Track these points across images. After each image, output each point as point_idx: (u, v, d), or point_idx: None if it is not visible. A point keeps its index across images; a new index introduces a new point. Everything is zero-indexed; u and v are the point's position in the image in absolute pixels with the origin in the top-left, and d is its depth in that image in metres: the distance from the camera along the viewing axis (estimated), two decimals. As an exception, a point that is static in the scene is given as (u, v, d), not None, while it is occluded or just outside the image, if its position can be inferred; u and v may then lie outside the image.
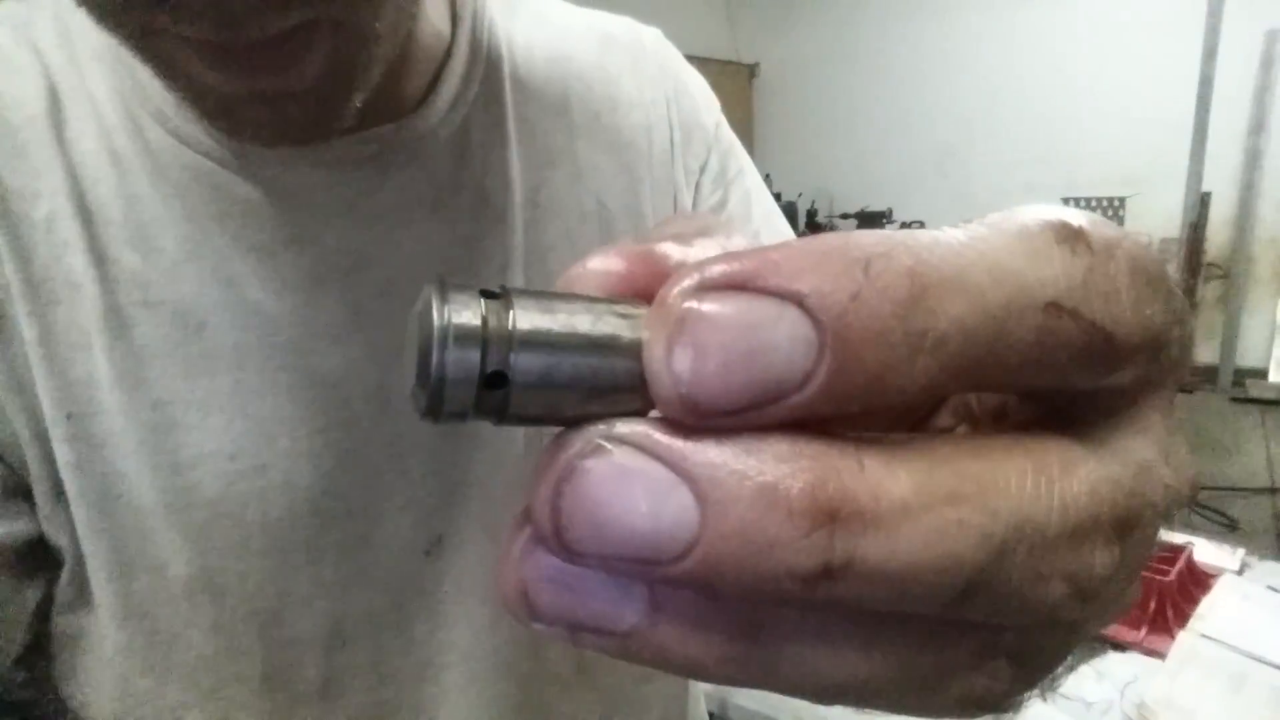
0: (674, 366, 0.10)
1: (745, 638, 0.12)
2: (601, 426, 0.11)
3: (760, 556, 0.10)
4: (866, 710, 0.13)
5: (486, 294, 0.11)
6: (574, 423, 0.11)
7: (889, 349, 0.10)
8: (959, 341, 0.10)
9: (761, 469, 0.10)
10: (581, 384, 0.11)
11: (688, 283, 0.10)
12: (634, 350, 0.11)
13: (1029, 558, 0.11)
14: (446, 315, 0.11)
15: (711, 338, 0.10)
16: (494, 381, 0.11)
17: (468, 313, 0.11)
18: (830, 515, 0.10)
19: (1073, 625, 0.13)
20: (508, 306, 0.11)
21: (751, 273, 0.10)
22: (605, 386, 0.11)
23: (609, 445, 0.11)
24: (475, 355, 0.11)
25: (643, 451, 0.10)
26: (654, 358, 0.11)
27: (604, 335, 0.11)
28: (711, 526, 0.10)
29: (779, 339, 0.10)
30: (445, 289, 0.11)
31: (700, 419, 0.10)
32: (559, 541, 0.11)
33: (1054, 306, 0.11)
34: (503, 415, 0.11)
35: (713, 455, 0.10)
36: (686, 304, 0.10)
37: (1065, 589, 0.11)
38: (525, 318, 0.11)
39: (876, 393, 0.10)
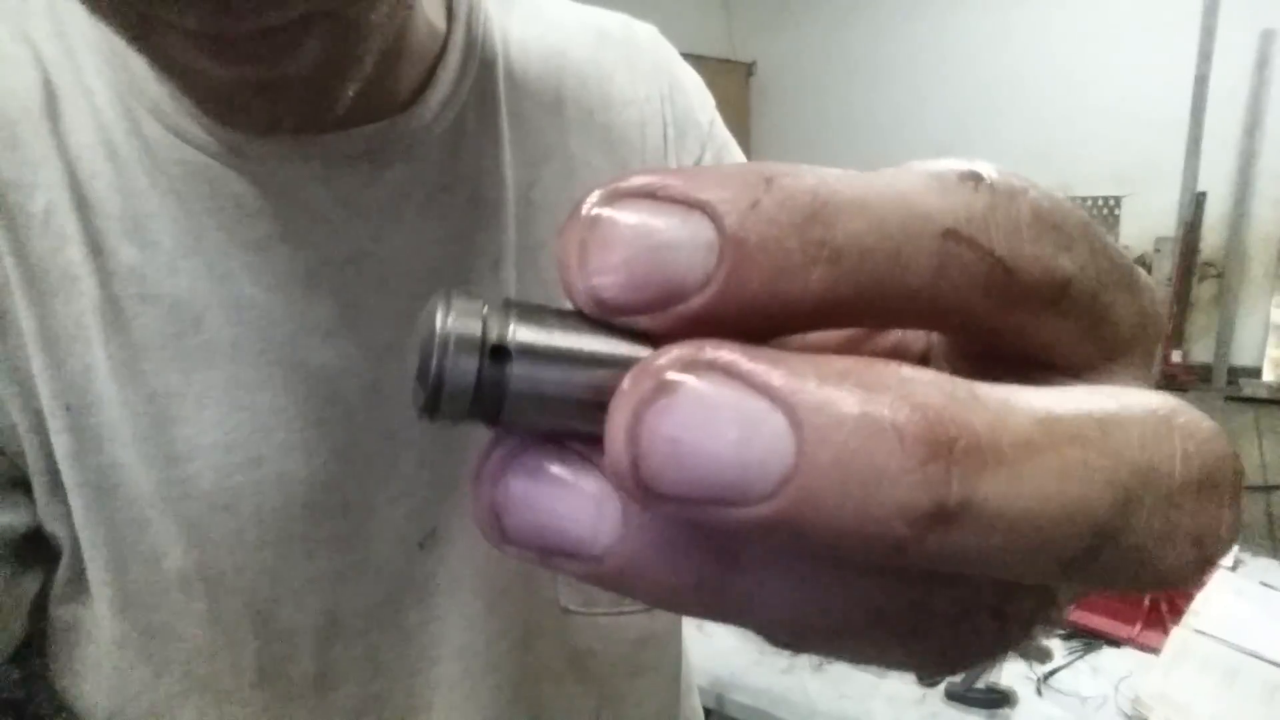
0: (585, 264, 0.10)
1: (721, 564, 0.11)
2: (689, 349, 0.10)
3: (865, 491, 0.09)
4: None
5: (492, 305, 0.12)
6: (567, 435, 0.11)
7: (784, 254, 0.10)
8: (855, 256, 0.10)
9: (865, 392, 0.09)
10: (575, 399, 0.11)
11: (600, 193, 0.11)
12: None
13: (1156, 511, 0.10)
14: (449, 323, 0.11)
15: (617, 234, 0.10)
16: (489, 390, 0.11)
17: (469, 321, 0.11)
18: (947, 445, 0.09)
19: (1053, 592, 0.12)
20: (509, 319, 0.11)
21: (660, 184, 0.10)
22: (599, 403, 0.11)
23: (695, 370, 0.10)
24: (473, 364, 0.11)
25: (732, 376, 0.10)
26: (567, 253, 0.11)
27: (601, 354, 0.11)
28: (809, 456, 0.09)
29: (681, 239, 0.10)
30: (451, 297, 0.12)
31: (606, 314, 0.11)
32: (634, 477, 0.10)
33: (952, 233, 0.11)
34: (496, 422, 0.12)
35: (810, 379, 0.09)
36: (597, 209, 0.11)
37: (1192, 551, 0.11)
38: (525, 331, 0.11)
39: (774, 298, 0.10)
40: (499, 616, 0.40)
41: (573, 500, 0.11)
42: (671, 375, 0.10)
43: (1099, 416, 0.10)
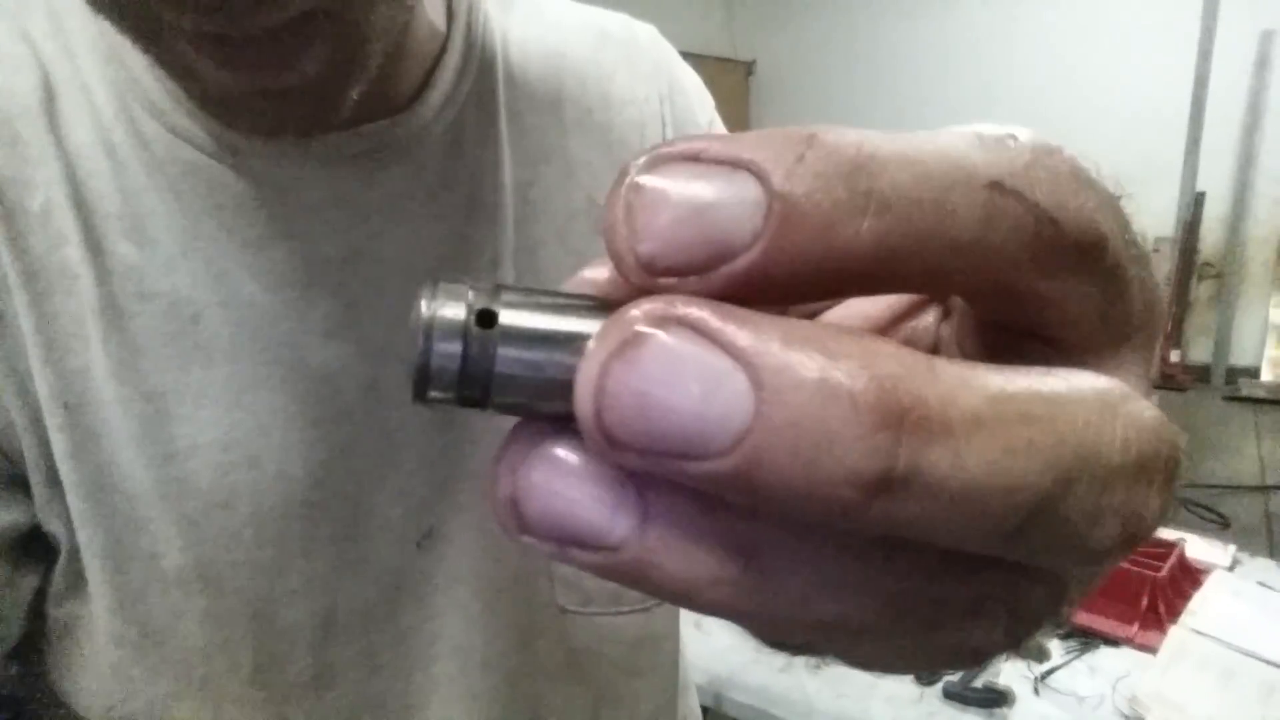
0: (633, 224, 0.10)
1: (741, 558, 0.11)
2: (660, 304, 0.10)
3: (816, 453, 0.09)
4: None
5: (479, 290, 0.12)
6: (559, 418, 0.12)
7: (833, 205, 0.10)
8: (904, 206, 0.10)
9: (825, 359, 0.10)
10: (562, 381, 0.11)
11: (644, 159, 0.11)
12: None
13: (1090, 491, 0.10)
14: (434, 308, 0.11)
15: (664, 197, 0.10)
16: (475, 373, 0.11)
17: (455, 306, 0.11)
18: (898, 416, 0.09)
19: (1065, 582, 0.13)
20: (496, 302, 0.12)
21: (703, 147, 0.11)
22: None
23: (664, 325, 0.10)
24: (458, 347, 0.11)
25: (699, 333, 0.10)
26: (614, 220, 0.11)
27: (587, 335, 0.11)
28: (766, 415, 0.09)
29: (727, 198, 0.10)
30: (438, 282, 0.12)
31: (655, 277, 0.11)
32: (598, 425, 0.10)
33: (997, 185, 0.11)
34: (484, 405, 0.12)
35: (773, 342, 0.10)
36: (642, 176, 0.11)
37: (1118, 530, 0.11)
38: (511, 314, 0.11)
39: (825, 253, 0.10)
40: (497, 616, 0.40)
41: (591, 488, 0.11)
42: (640, 329, 0.10)
43: (1048, 396, 0.11)
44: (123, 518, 0.33)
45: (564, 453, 0.11)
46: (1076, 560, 0.11)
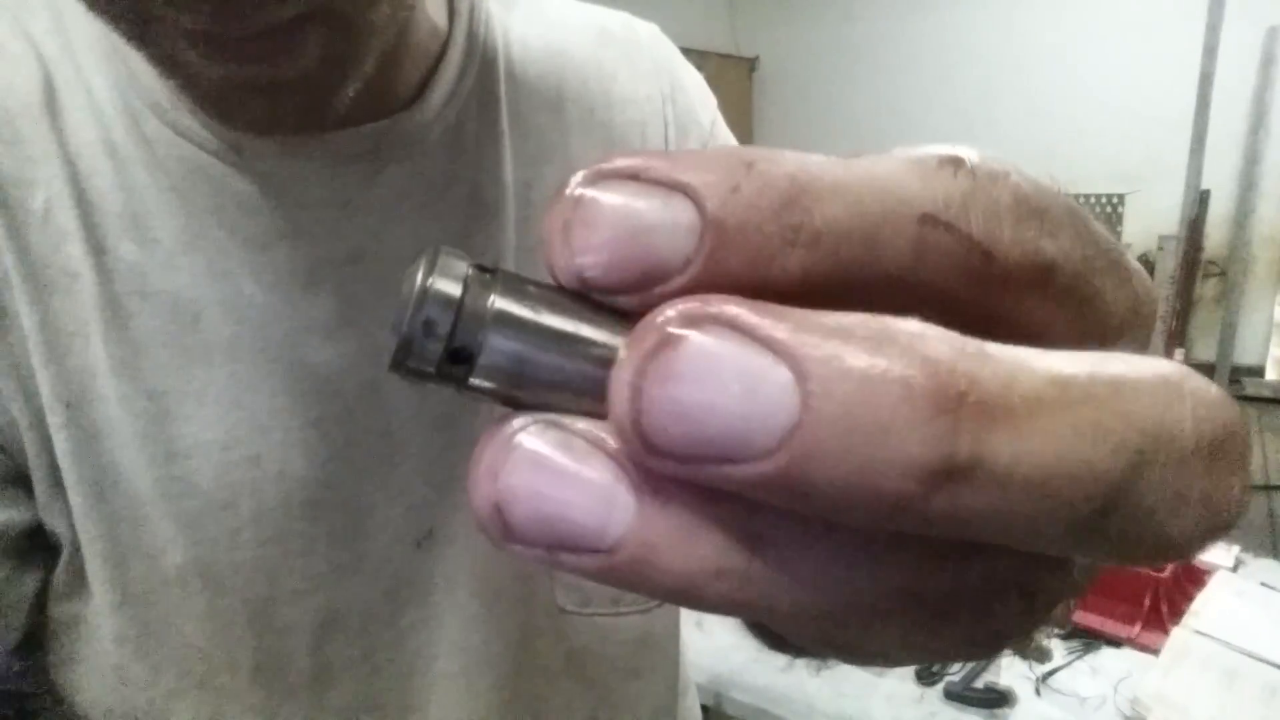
0: (569, 243, 0.11)
1: (744, 548, 0.10)
2: (693, 304, 0.10)
3: (870, 446, 0.09)
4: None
5: (479, 269, 0.12)
6: (534, 408, 0.11)
7: (762, 238, 0.10)
8: (832, 239, 0.10)
9: (874, 346, 0.09)
10: (545, 376, 0.11)
11: (584, 173, 0.11)
12: (605, 359, 0.11)
13: (1167, 475, 0.10)
14: (429, 279, 0.11)
15: (600, 215, 0.10)
16: (460, 352, 0.11)
17: (450, 281, 0.11)
18: (956, 399, 0.09)
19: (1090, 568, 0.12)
20: (493, 285, 0.11)
21: (643, 166, 0.11)
22: (569, 385, 0.11)
23: (699, 324, 0.10)
24: (447, 322, 0.11)
25: (736, 330, 0.10)
26: (552, 231, 0.11)
27: (578, 336, 0.11)
28: (814, 410, 0.09)
29: (663, 221, 0.10)
30: (438, 254, 0.12)
31: (589, 292, 0.11)
32: (637, 433, 0.10)
33: (929, 218, 0.11)
34: (463, 385, 0.11)
35: (815, 333, 0.09)
36: (582, 189, 0.11)
37: (1202, 516, 0.10)
38: (505, 300, 0.11)
39: (753, 280, 0.10)
40: (496, 616, 0.40)
41: (581, 487, 0.10)
42: (675, 330, 0.10)
43: (1110, 378, 0.10)
44: (123, 516, 0.33)
45: (550, 450, 0.11)
46: (1159, 554, 0.11)
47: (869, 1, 4.55)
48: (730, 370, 0.09)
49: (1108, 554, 0.11)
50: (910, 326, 0.10)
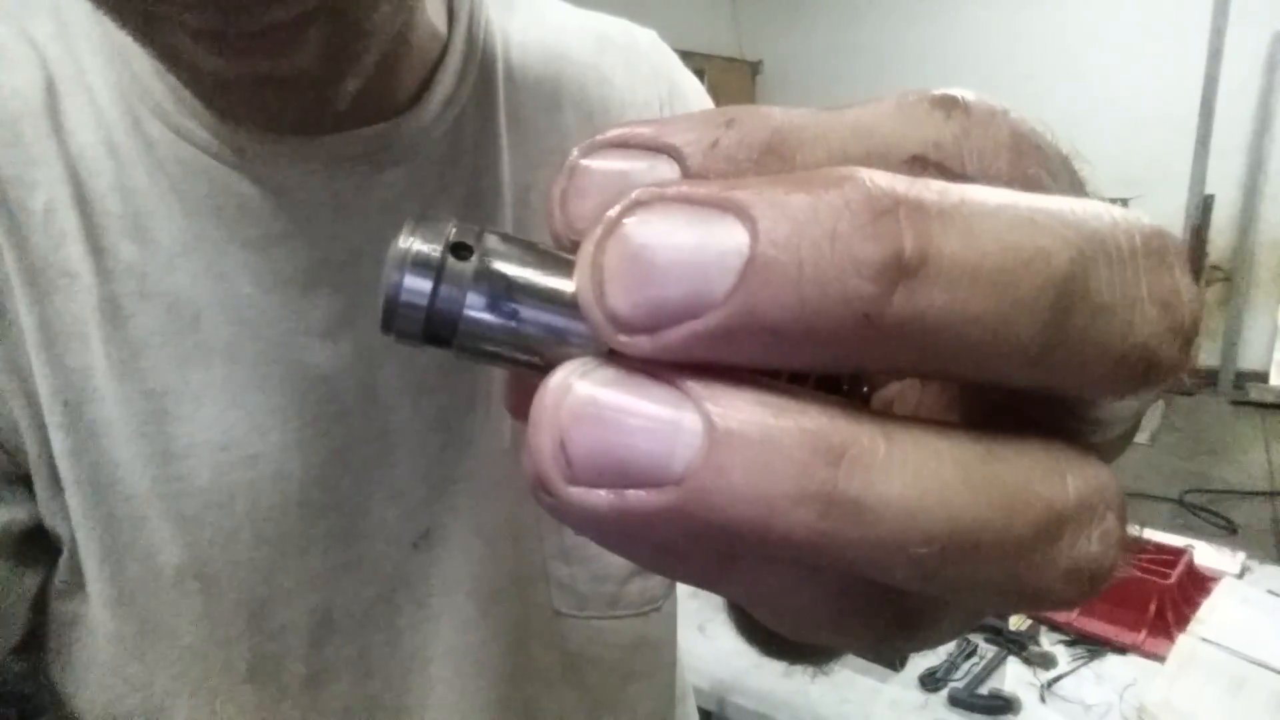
0: (565, 209, 0.12)
1: (831, 462, 0.10)
2: (639, 190, 0.10)
3: (819, 253, 0.09)
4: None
5: (462, 228, 0.12)
6: (524, 366, 0.12)
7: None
8: None
9: (820, 187, 0.10)
10: (530, 332, 0.11)
11: (580, 145, 0.12)
12: None
13: (1112, 273, 0.10)
14: (410, 242, 0.12)
15: (592, 181, 0.11)
16: (443, 311, 0.11)
17: (432, 243, 0.12)
18: (894, 202, 0.09)
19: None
20: (476, 246, 0.12)
21: (630, 134, 0.11)
22: (554, 339, 0.11)
23: (649, 200, 0.10)
24: (428, 283, 0.11)
25: (681, 200, 0.10)
26: (552, 201, 0.12)
27: (560, 291, 0.11)
28: (764, 238, 0.09)
29: (648, 182, 0.11)
30: (420, 219, 0.12)
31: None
32: (600, 302, 0.10)
33: (919, 159, 0.11)
34: (448, 345, 0.12)
35: (753, 184, 0.10)
36: (576, 159, 0.12)
37: (1160, 314, 0.11)
38: (487, 258, 0.12)
39: None
40: (492, 618, 0.40)
41: (643, 412, 0.10)
42: (627, 206, 0.10)
43: (1037, 199, 0.10)
44: (121, 515, 0.33)
45: (607, 384, 0.10)
46: (1137, 362, 0.11)
47: (872, 5, 4.56)
48: (682, 223, 0.10)
49: (1084, 365, 0.10)
50: (855, 170, 0.10)
